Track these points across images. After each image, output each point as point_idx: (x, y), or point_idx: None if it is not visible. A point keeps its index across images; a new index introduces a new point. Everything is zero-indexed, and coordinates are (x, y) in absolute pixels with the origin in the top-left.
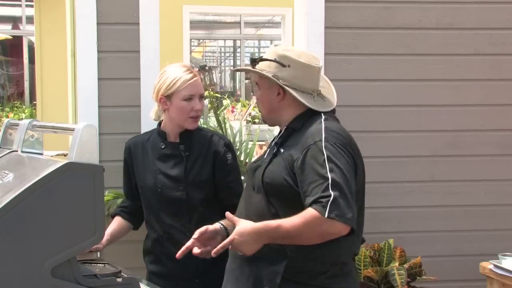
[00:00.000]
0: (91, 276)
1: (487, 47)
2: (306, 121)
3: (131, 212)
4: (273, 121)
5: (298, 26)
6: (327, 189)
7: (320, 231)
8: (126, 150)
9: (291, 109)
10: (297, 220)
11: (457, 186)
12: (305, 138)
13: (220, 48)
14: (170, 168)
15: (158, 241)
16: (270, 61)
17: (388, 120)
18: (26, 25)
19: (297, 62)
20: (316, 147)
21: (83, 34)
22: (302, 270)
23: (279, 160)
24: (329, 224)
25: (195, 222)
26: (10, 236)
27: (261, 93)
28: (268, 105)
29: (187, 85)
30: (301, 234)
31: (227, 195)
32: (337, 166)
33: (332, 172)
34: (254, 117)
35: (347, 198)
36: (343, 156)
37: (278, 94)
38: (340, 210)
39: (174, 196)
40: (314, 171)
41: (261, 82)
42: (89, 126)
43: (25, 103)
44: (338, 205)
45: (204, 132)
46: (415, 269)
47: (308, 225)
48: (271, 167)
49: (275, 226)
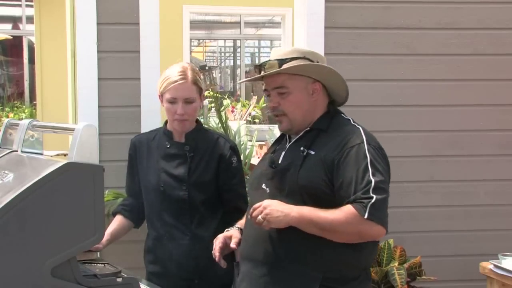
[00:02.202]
0: (91, 276)
1: (487, 47)
2: (331, 122)
3: (133, 210)
4: (304, 125)
5: (298, 26)
6: (368, 191)
7: (357, 231)
8: (132, 147)
9: (320, 108)
10: (337, 215)
11: (457, 186)
12: (342, 138)
13: (220, 48)
14: (174, 167)
15: (159, 240)
16: (300, 58)
17: (388, 120)
18: (26, 25)
19: (323, 58)
20: (359, 149)
21: (83, 34)
22: (337, 276)
23: (314, 162)
24: (368, 225)
25: (196, 222)
26: (10, 236)
27: (294, 95)
28: (304, 106)
29: (170, 87)
30: (338, 229)
31: (231, 197)
32: (379, 171)
33: (375, 176)
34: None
35: (386, 203)
36: (383, 160)
37: (314, 93)
38: (380, 213)
39: (176, 196)
40: (356, 172)
41: (292, 83)
42: (89, 126)
43: (25, 103)
44: (378, 208)
45: (210, 134)
46: (415, 269)
47: (347, 222)
48: (305, 169)
49: (315, 210)
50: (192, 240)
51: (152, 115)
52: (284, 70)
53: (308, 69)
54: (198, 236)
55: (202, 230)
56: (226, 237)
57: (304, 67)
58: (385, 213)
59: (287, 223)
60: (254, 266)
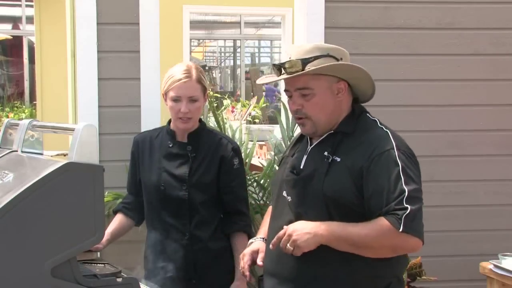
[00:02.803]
0: (91, 276)
1: (487, 47)
2: (357, 124)
3: (134, 209)
4: (328, 128)
5: (298, 26)
6: (401, 202)
7: (392, 245)
8: (134, 144)
9: (344, 109)
10: (369, 229)
11: (457, 186)
12: (370, 143)
13: (220, 48)
14: (175, 167)
15: (157, 239)
16: (324, 56)
17: (388, 120)
18: (26, 25)
19: (347, 54)
20: (389, 155)
21: (83, 34)
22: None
23: (340, 170)
24: (403, 238)
25: (195, 223)
26: (10, 236)
27: (319, 96)
28: (329, 107)
29: (174, 86)
30: (371, 244)
31: (230, 199)
32: (412, 179)
33: (408, 185)
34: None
35: (421, 213)
36: (415, 166)
37: (339, 92)
38: (416, 224)
39: (176, 196)
40: (388, 181)
41: (317, 84)
42: (89, 126)
43: (25, 103)
44: (413, 219)
45: (213, 135)
46: (415, 269)
47: (380, 237)
48: (331, 178)
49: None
50: (191, 241)
51: (152, 115)
52: (310, 72)
53: (335, 69)
54: (196, 237)
55: (201, 231)
56: (253, 252)
57: (331, 68)
58: (421, 224)
59: (317, 243)
60: (279, 283)
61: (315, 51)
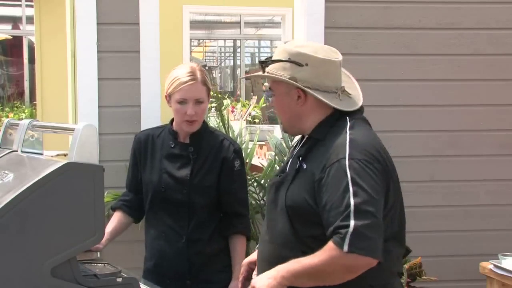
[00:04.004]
0: (91, 276)
1: (487, 47)
2: (330, 130)
3: (133, 206)
4: (295, 130)
5: (298, 26)
6: (347, 218)
7: (343, 266)
8: (136, 142)
9: (314, 114)
10: (319, 255)
11: (457, 186)
12: (329, 153)
13: (220, 48)
14: (176, 169)
15: (155, 238)
16: (283, 61)
17: (388, 120)
18: (26, 25)
19: (316, 59)
20: (339, 166)
21: (83, 34)
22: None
23: (304, 178)
24: (352, 258)
25: (192, 226)
26: (10, 236)
27: (278, 99)
28: (287, 112)
29: (180, 88)
30: (326, 270)
31: (230, 201)
32: (363, 189)
33: (357, 197)
34: (254, 117)
35: (372, 226)
36: (370, 175)
37: (299, 98)
38: (363, 242)
39: (176, 198)
40: (335, 195)
41: (276, 87)
42: (89, 126)
43: (25, 103)
44: (359, 236)
45: (215, 136)
46: (415, 270)
47: (329, 260)
48: (293, 187)
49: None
50: (187, 243)
51: (152, 115)
52: (251, 76)
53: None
54: (193, 239)
55: (198, 234)
56: (250, 263)
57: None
58: (372, 239)
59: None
60: None
61: (279, 54)
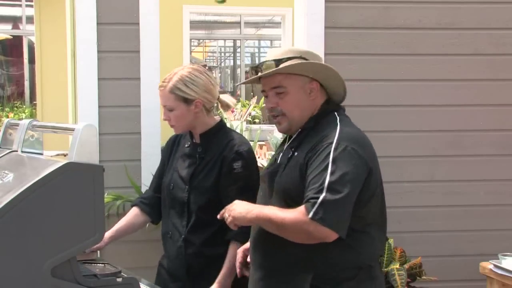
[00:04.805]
0: (91, 276)
1: (487, 47)
2: (321, 120)
3: (150, 204)
4: (298, 127)
5: (298, 26)
6: (321, 191)
7: (304, 230)
8: (167, 142)
9: (318, 108)
10: (289, 212)
11: (457, 186)
12: (319, 138)
13: (220, 48)
14: (183, 168)
15: (164, 236)
16: (297, 58)
17: (388, 120)
18: (26, 25)
19: (319, 57)
20: (327, 148)
21: (83, 34)
22: (328, 277)
23: (294, 164)
24: (314, 226)
25: (190, 226)
26: (10, 236)
27: (291, 95)
28: (301, 107)
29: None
30: (287, 227)
31: (226, 204)
32: (340, 168)
33: (333, 175)
34: (254, 117)
35: (339, 202)
36: (352, 159)
37: (310, 93)
38: (327, 213)
39: (180, 197)
40: (316, 171)
41: (290, 82)
42: (89, 126)
43: (25, 103)
44: (325, 208)
45: (227, 136)
46: (415, 270)
47: (294, 220)
48: (287, 171)
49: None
50: (184, 244)
51: (152, 115)
52: (280, 70)
53: (304, 67)
54: (188, 241)
55: (194, 236)
56: (245, 250)
57: (300, 66)
58: (338, 214)
59: (249, 221)
60: (254, 270)
61: (289, 53)
